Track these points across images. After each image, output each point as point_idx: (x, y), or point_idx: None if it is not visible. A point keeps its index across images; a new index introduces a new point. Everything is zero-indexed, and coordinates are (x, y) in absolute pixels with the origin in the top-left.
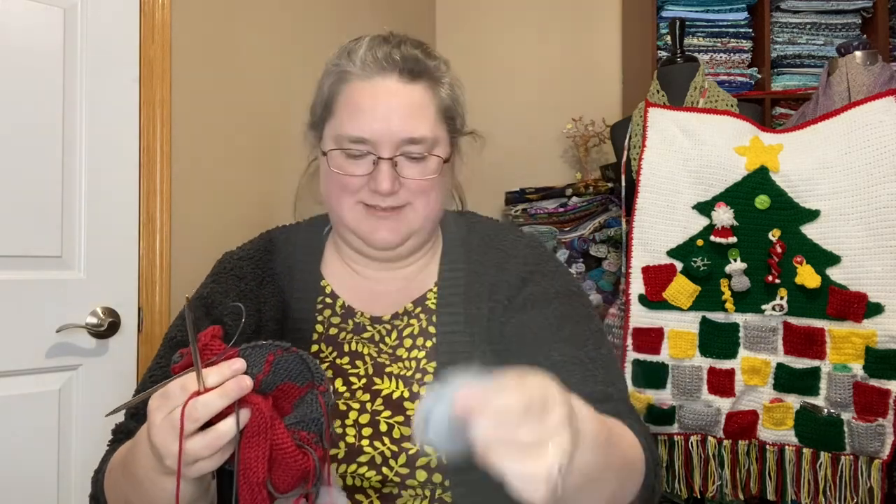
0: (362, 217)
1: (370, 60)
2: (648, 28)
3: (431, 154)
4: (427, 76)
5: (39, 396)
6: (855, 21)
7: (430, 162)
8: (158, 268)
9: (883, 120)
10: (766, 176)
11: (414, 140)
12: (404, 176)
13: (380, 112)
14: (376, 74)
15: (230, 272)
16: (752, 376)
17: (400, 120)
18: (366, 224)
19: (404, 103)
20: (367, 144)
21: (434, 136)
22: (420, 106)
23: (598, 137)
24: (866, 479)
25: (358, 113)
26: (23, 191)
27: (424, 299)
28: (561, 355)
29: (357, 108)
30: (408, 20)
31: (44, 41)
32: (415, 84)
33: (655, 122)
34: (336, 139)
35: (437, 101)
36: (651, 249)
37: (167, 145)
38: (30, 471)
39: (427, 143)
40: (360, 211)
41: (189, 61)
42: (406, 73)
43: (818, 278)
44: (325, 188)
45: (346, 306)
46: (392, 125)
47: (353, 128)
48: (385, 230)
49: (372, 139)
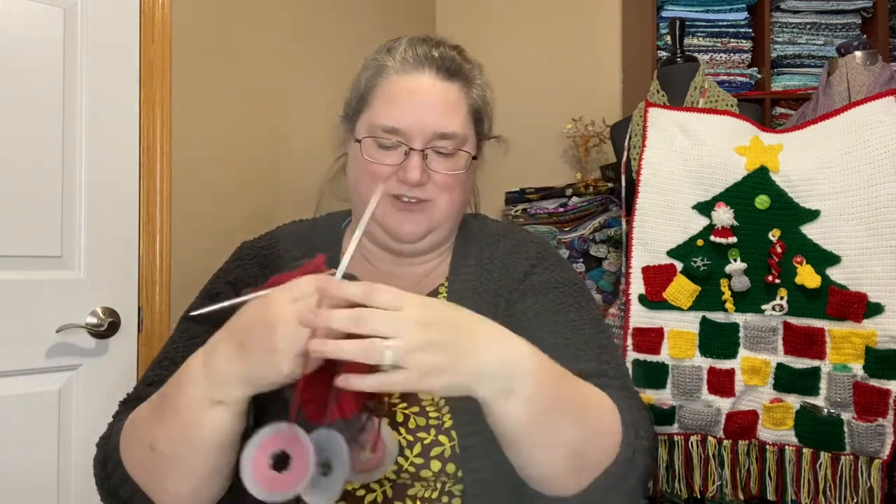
0: (388, 208)
1: (409, 56)
2: (648, 28)
3: (461, 150)
4: (462, 77)
5: (39, 396)
6: (855, 21)
7: (458, 158)
8: (158, 268)
9: (883, 120)
10: (766, 176)
11: (445, 135)
12: (433, 169)
13: (415, 105)
14: (414, 70)
15: (253, 259)
16: (752, 376)
17: (433, 114)
18: (391, 215)
19: (439, 99)
20: (399, 135)
21: (464, 133)
22: (453, 103)
23: (598, 137)
24: (866, 479)
25: (393, 104)
26: (23, 191)
27: (436, 293)
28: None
29: (393, 99)
30: (408, 20)
31: (44, 41)
32: (450, 82)
33: (655, 122)
34: (370, 128)
35: (470, 102)
36: (651, 249)
37: (167, 145)
38: (30, 471)
39: (457, 140)
40: (387, 201)
41: (189, 61)
42: (443, 71)
43: (818, 278)
44: (354, 177)
45: None
46: (425, 118)
47: (388, 118)
48: (409, 223)
49: (405, 130)
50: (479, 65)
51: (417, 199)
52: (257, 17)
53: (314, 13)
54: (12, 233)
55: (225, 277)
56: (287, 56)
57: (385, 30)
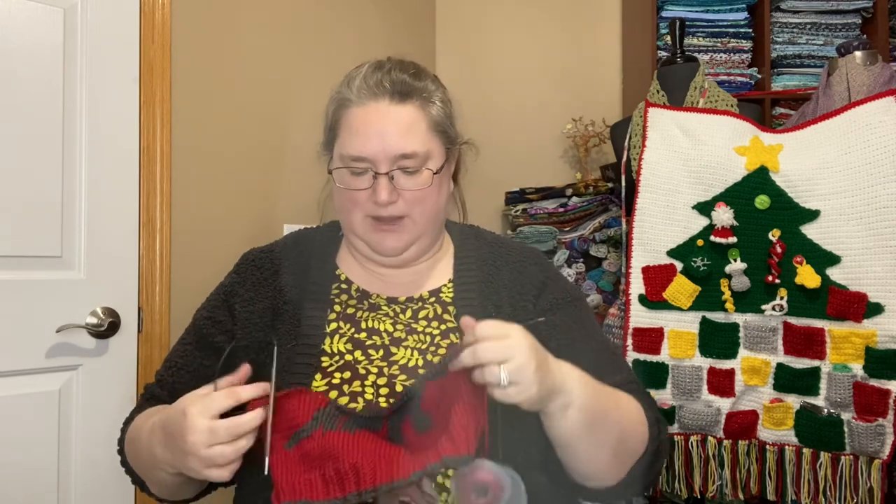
0: (370, 229)
1: (364, 88)
2: (648, 28)
3: (425, 168)
4: (416, 96)
5: (39, 396)
6: (855, 21)
7: (423, 175)
8: (158, 268)
9: (883, 120)
10: (766, 176)
11: (406, 155)
12: (401, 187)
13: (374, 132)
14: (370, 100)
15: (251, 263)
16: (752, 376)
17: (393, 138)
18: (373, 235)
19: (396, 122)
20: (365, 162)
21: (426, 149)
22: (411, 124)
23: (598, 137)
24: (866, 479)
25: (356, 135)
26: (23, 191)
27: (439, 291)
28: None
29: (355, 130)
30: (408, 20)
31: (44, 41)
32: (404, 105)
33: (655, 122)
34: (341, 158)
35: (428, 118)
36: (651, 249)
37: (167, 145)
38: (30, 471)
39: (419, 157)
40: (368, 223)
41: (189, 61)
42: (396, 96)
43: (818, 278)
44: (337, 201)
45: (361, 290)
46: (386, 143)
47: (353, 148)
48: (390, 240)
49: (370, 157)
50: (434, 78)
51: (392, 216)
52: (257, 17)
53: (314, 13)
54: (12, 233)
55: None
56: (287, 56)
57: (385, 30)
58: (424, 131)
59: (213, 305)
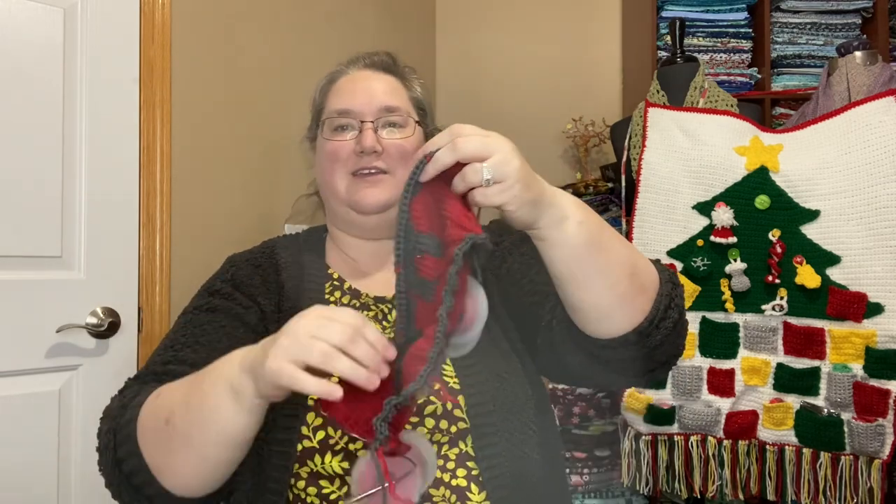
0: (351, 185)
1: (351, 61)
2: (648, 28)
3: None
4: (398, 74)
5: (39, 396)
6: (855, 21)
7: (409, 128)
8: (158, 268)
9: (883, 120)
10: (766, 176)
11: (391, 108)
12: (386, 138)
13: (360, 88)
14: (357, 70)
15: (246, 261)
16: (751, 376)
17: (378, 93)
18: (354, 190)
19: (381, 84)
20: (351, 115)
21: (408, 111)
22: (395, 87)
23: (598, 137)
24: (866, 479)
25: (343, 93)
26: (23, 191)
27: None
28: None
29: (342, 90)
30: (408, 20)
31: (44, 41)
32: (389, 76)
33: (655, 122)
34: (327, 118)
35: (409, 93)
36: (651, 249)
37: (167, 145)
38: (30, 471)
39: (403, 113)
40: (350, 180)
41: (189, 61)
42: (381, 67)
43: (818, 278)
44: (320, 168)
45: (353, 288)
46: (372, 96)
47: (339, 103)
48: (372, 194)
49: (355, 109)
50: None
51: (377, 169)
52: (257, 17)
53: (314, 14)
54: (12, 233)
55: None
56: (287, 56)
57: (385, 31)
58: (407, 99)
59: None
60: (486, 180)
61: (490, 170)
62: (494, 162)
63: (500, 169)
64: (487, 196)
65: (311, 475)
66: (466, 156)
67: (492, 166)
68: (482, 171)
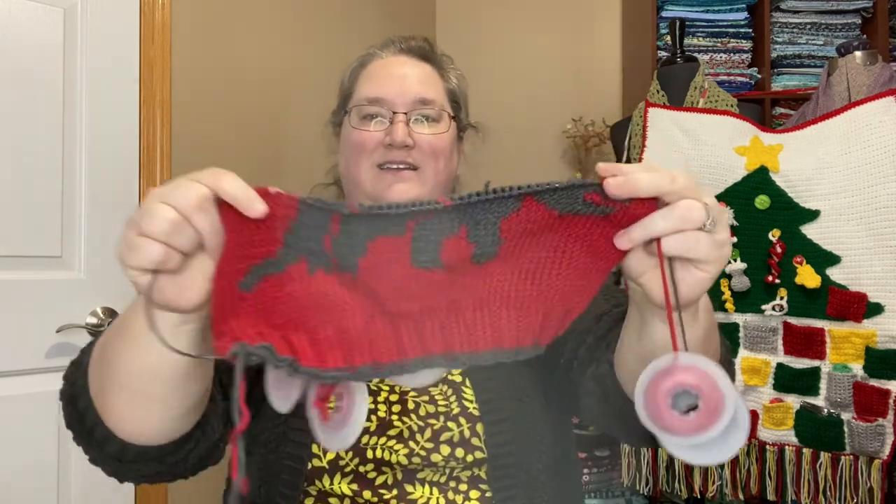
0: (378, 178)
1: (387, 44)
2: (648, 28)
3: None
4: (435, 63)
5: (39, 396)
6: (855, 21)
7: (442, 123)
8: None
9: (883, 120)
10: (766, 176)
11: (426, 101)
12: (418, 132)
13: (395, 76)
14: (390, 54)
15: None
16: (751, 376)
17: (413, 82)
18: (381, 183)
19: (417, 72)
20: (382, 104)
21: (443, 103)
22: (430, 77)
23: (598, 137)
24: (866, 479)
25: (375, 79)
26: (23, 191)
27: None
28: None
29: (374, 76)
30: (408, 20)
31: (44, 41)
32: (425, 63)
33: (655, 122)
34: (356, 105)
35: (445, 84)
36: None
37: (167, 145)
38: (30, 471)
39: (437, 106)
40: (376, 173)
41: (189, 61)
42: (417, 54)
43: (818, 278)
44: (344, 157)
45: None
46: (406, 85)
47: (370, 91)
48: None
49: (388, 98)
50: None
51: (406, 164)
52: (257, 17)
53: (314, 13)
54: (12, 233)
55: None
56: (287, 56)
57: (385, 30)
58: (442, 90)
59: None
60: (710, 223)
61: (712, 212)
62: (714, 206)
63: (720, 217)
64: (700, 242)
65: (320, 494)
66: (674, 191)
67: (714, 209)
68: (705, 210)
